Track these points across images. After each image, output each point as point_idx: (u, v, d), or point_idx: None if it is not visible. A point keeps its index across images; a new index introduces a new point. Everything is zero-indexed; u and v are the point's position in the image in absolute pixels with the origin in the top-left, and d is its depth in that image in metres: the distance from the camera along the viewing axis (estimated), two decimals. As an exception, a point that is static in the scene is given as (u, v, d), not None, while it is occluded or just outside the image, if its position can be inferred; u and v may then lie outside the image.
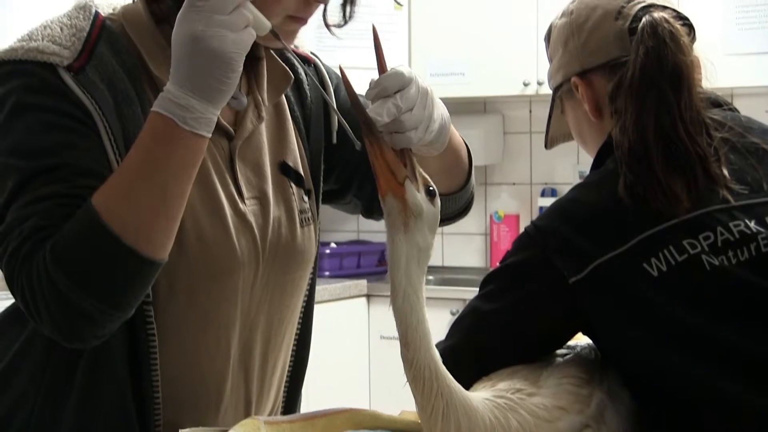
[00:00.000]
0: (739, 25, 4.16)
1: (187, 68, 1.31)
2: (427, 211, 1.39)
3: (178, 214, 1.36)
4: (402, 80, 1.40)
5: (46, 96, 1.40)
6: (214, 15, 1.30)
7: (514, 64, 4.51)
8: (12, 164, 1.38)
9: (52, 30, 1.45)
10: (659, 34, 1.54)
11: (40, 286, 1.32)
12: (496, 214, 4.87)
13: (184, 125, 1.32)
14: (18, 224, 1.35)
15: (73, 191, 1.36)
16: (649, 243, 1.47)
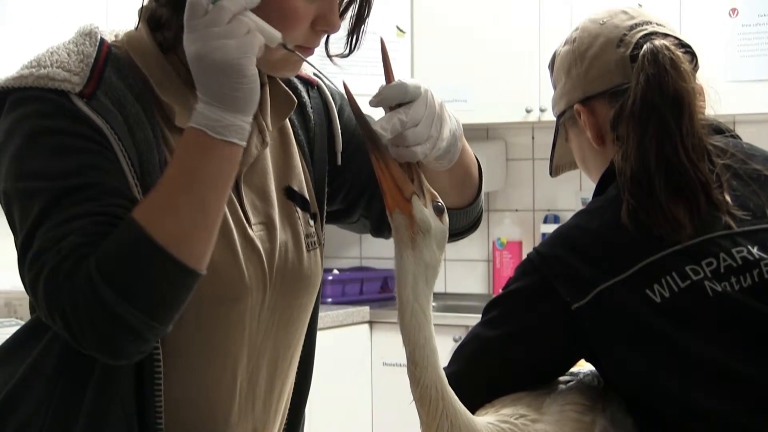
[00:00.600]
0: (741, 52, 4.17)
1: (203, 84, 1.34)
2: (435, 228, 1.38)
3: (216, 225, 1.38)
4: (404, 91, 1.41)
5: (62, 120, 1.41)
6: (210, 29, 1.32)
7: (517, 90, 4.52)
8: (37, 187, 1.38)
9: (59, 56, 1.45)
10: (660, 61, 1.54)
11: (86, 303, 1.32)
12: (498, 241, 4.87)
13: (214, 134, 1.34)
14: (54, 244, 1.35)
15: (106, 209, 1.37)
16: (651, 269, 1.47)
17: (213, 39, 1.32)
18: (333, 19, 1.47)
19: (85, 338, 1.34)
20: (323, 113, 1.69)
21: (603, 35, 1.65)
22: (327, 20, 1.46)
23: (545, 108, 4.40)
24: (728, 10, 4.19)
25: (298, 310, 1.61)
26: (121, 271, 1.32)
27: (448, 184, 1.58)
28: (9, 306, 3.72)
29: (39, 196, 1.38)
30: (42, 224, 1.37)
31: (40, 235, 1.36)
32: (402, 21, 4.68)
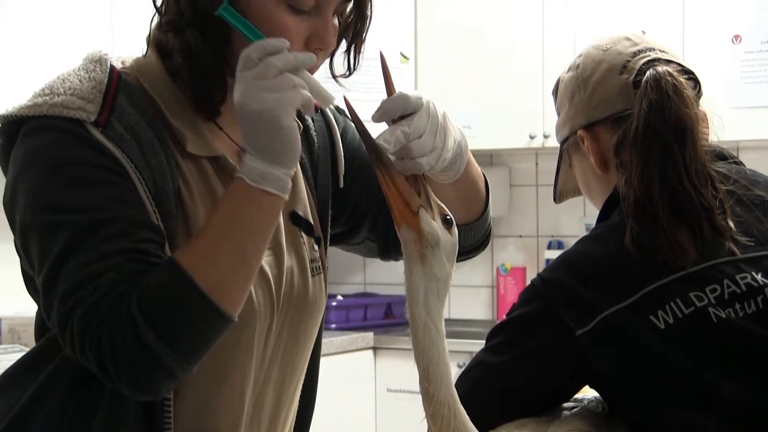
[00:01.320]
0: (745, 78, 4.18)
1: (244, 132, 1.37)
2: (444, 241, 1.38)
3: (254, 273, 1.40)
4: (406, 103, 1.41)
5: (80, 150, 1.40)
6: (255, 81, 1.34)
7: (521, 117, 4.53)
8: (59, 220, 1.38)
9: (71, 83, 1.45)
10: (662, 87, 1.55)
11: (124, 342, 1.33)
12: (502, 267, 4.87)
13: (252, 183, 1.36)
14: (89, 281, 1.35)
15: (138, 246, 1.38)
16: (655, 295, 1.47)
17: (255, 90, 1.34)
18: (327, 36, 1.46)
19: (120, 375, 1.35)
20: (327, 136, 1.70)
21: (606, 61, 1.65)
22: (320, 38, 1.46)
23: (549, 134, 4.40)
24: (731, 36, 4.20)
25: (304, 335, 1.61)
26: (163, 314, 1.34)
27: (455, 197, 1.57)
28: (13, 332, 3.72)
29: (62, 229, 1.37)
30: (68, 259, 1.36)
31: (71, 271, 1.36)
32: (406, 47, 4.70)
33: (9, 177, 1.44)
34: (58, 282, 1.36)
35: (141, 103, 1.47)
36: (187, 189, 1.48)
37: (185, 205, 1.47)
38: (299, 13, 1.43)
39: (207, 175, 1.51)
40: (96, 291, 1.34)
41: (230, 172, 1.51)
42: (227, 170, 1.52)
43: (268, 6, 1.42)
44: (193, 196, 1.48)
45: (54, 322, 1.38)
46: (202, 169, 1.50)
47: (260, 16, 1.42)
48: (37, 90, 1.46)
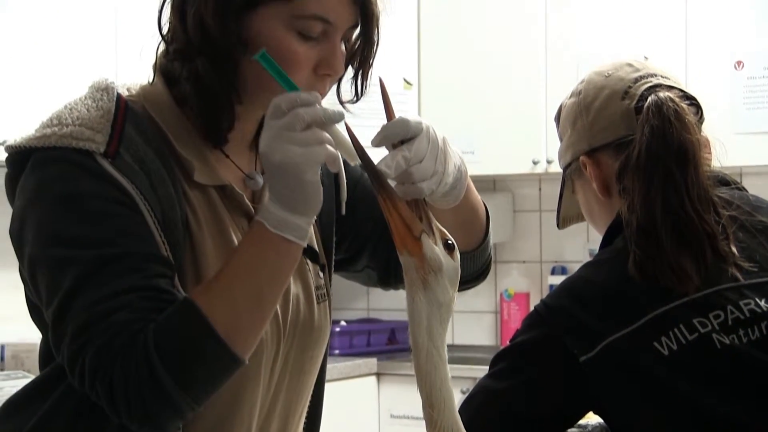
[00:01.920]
0: (747, 104, 4.18)
1: (268, 179, 1.39)
2: (446, 265, 1.38)
3: (268, 318, 1.41)
4: (406, 128, 1.40)
5: (90, 183, 1.40)
6: (282, 132, 1.35)
7: (524, 142, 4.53)
8: (69, 255, 1.37)
9: (79, 112, 1.44)
10: (664, 113, 1.55)
11: (138, 381, 1.33)
12: (506, 292, 4.86)
13: (271, 228, 1.37)
14: (101, 319, 1.35)
15: (150, 282, 1.38)
16: (659, 321, 1.47)
17: (281, 141, 1.35)
18: (335, 62, 1.46)
19: (129, 412, 1.35)
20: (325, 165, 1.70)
21: (608, 87, 1.66)
22: (329, 64, 1.46)
23: (552, 159, 4.40)
24: (734, 62, 4.21)
25: (309, 362, 1.61)
26: (178, 355, 1.34)
27: (455, 224, 1.56)
28: (16, 358, 3.72)
29: (72, 264, 1.37)
30: (78, 295, 1.36)
31: (82, 308, 1.35)
32: (409, 73, 4.71)
33: (17, 208, 1.44)
34: (69, 318, 1.36)
35: (148, 132, 1.46)
36: (195, 218, 1.48)
37: (193, 234, 1.47)
38: (308, 40, 1.44)
39: (214, 203, 1.50)
40: (109, 329, 1.34)
41: (237, 200, 1.52)
42: (234, 199, 1.52)
43: (278, 33, 1.43)
44: (200, 224, 1.48)
45: (63, 356, 1.37)
46: (209, 197, 1.50)
47: (269, 43, 1.42)
48: (44, 120, 1.45)
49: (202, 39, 1.43)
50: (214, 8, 1.42)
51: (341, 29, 1.46)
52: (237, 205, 1.52)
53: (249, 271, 1.38)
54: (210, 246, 1.48)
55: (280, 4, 1.42)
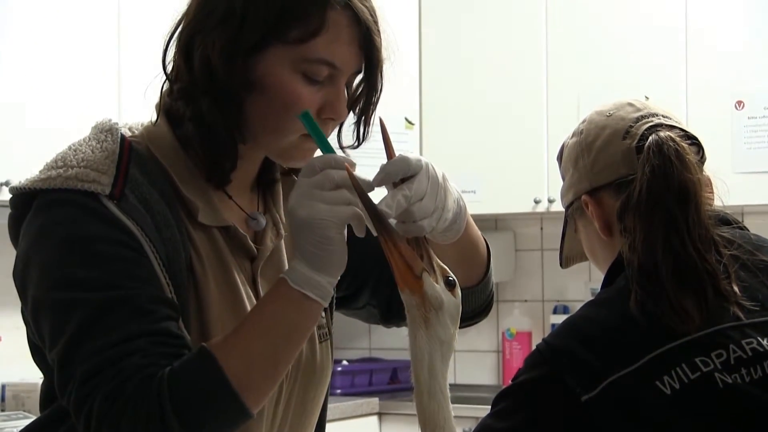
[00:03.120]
0: (748, 144, 4.20)
1: (293, 235, 1.40)
2: (447, 303, 1.38)
3: (281, 375, 1.41)
4: (407, 166, 1.40)
5: (95, 225, 1.39)
6: (311, 190, 1.37)
7: (525, 181, 4.55)
8: (74, 298, 1.37)
9: (84, 154, 1.44)
10: (665, 152, 1.55)
11: (147, 424, 1.32)
12: (508, 332, 4.85)
13: (293, 284, 1.38)
14: (110, 365, 1.34)
15: (158, 326, 1.37)
16: (661, 360, 1.47)
17: (309, 198, 1.37)
18: (339, 107, 1.47)
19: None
20: None
21: (609, 127, 1.66)
22: (333, 108, 1.47)
23: (554, 198, 4.41)
24: (734, 102, 4.23)
25: (312, 402, 1.61)
26: (191, 404, 1.34)
27: (455, 259, 1.57)
28: (17, 399, 3.71)
29: (78, 308, 1.36)
30: (85, 339, 1.35)
31: (90, 353, 1.35)
32: (410, 113, 4.73)
33: (20, 250, 1.44)
34: (76, 363, 1.35)
35: (153, 173, 1.47)
36: (198, 259, 1.48)
37: (196, 276, 1.47)
38: (313, 83, 1.45)
39: (218, 245, 1.51)
40: (119, 375, 1.33)
41: (240, 241, 1.52)
42: (237, 240, 1.52)
43: (284, 75, 1.44)
44: (204, 266, 1.48)
45: (69, 400, 1.36)
46: (213, 238, 1.50)
47: (275, 85, 1.43)
48: (49, 161, 1.45)
49: (208, 79, 1.43)
50: (222, 48, 1.42)
51: (347, 74, 1.47)
52: (240, 245, 1.53)
53: (267, 328, 1.38)
54: (213, 287, 1.48)
55: (288, 47, 1.42)
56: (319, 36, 1.42)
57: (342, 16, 1.44)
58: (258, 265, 1.55)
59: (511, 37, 4.63)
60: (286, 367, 1.41)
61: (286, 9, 1.41)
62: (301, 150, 1.49)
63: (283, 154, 1.51)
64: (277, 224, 1.59)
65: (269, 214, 1.59)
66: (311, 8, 1.42)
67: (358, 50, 1.47)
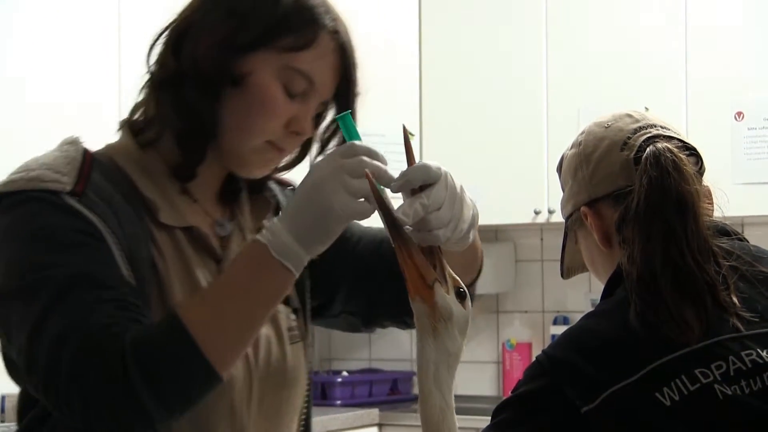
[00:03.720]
0: (748, 154, 4.20)
1: (294, 206, 1.40)
2: (457, 314, 1.38)
3: (250, 341, 1.43)
4: (427, 174, 1.42)
5: (56, 216, 1.43)
6: (342, 173, 1.38)
7: (525, 192, 4.55)
8: (41, 278, 1.40)
9: (46, 159, 1.49)
10: (662, 163, 1.56)
11: (112, 381, 1.34)
12: (508, 342, 4.85)
13: (274, 253, 1.38)
14: (78, 327, 1.36)
15: (125, 298, 1.41)
16: (660, 372, 1.47)
17: (335, 179, 1.38)
18: (305, 123, 1.54)
19: (101, 419, 1.36)
20: None
21: (608, 138, 1.67)
22: (300, 123, 1.53)
23: (554, 209, 4.41)
24: (734, 113, 4.23)
25: (286, 404, 1.62)
26: (157, 365, 1.35)
27: (458, 265, 1.57)
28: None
29: (47, 285, 1.39)
30: (54, 311, 1.38)
31: (59, 321, 1.37)
32: (411, 124, 4.73)
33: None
34: (44, 334, 1.37)
35: (115, 179, 1.51)
36: (161, 258, 1.51)
37: (159, 273, 1.50)
38: (289, 96, 1.51)
39: (180, 245, 1.54)
40: (87, 331, 1.36)
41: (204, 241, 1.56)
42: (200, 240, 1.56)
43: (266, 78, 1.50)
44: (167, 266, 1.51)
45: (39, 375, 1.38)
46: (176, 239, 1.54)
47: (257, 85, 1.50)
48: (12, 170, 1.50)
49: (195, 68, 1.49)
50: (216, 43, 1.49)
51: (319, 96, 1.54)
52: (203, 246, 1.56)
53: (241, 290, 1.40)
54: (177, 285, 1.51)
55: (277, 53, 1.50)
56: (307, 50, 1.51)
57: (331, 41, 1.53)
58: (223, 267, 1.57)
59: (511, 48, 4.64)
60: (254, 333, 1.42)
61: (285, 19, 1.50)
62: (262, 157, 1.55)
63: (243, 159, 1.55)
64: (244, 231, 1.63)
65: (236, 221, 1.63)
66: (307, 24, 1.51)
67: (336, 78, 1.55)
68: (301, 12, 1.52)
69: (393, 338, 5.09)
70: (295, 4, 1.51)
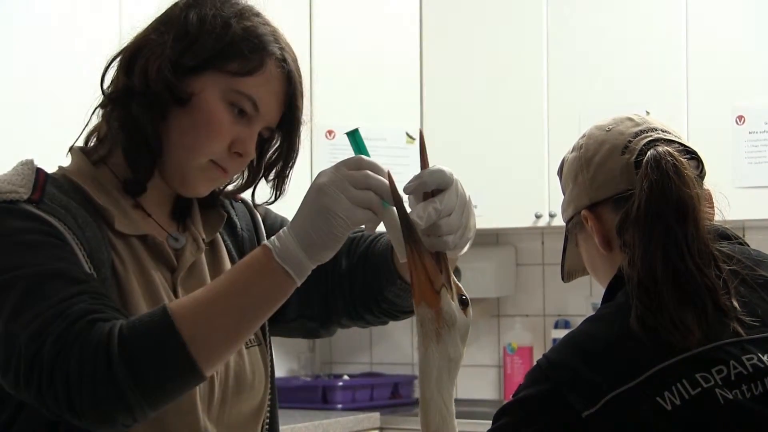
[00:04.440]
0: (749, 158, 4.20)
1: (301, 214, 1.41)
2: (460, 321, 1.39)
3: (239, 345, 1.45)
4: (442, 178, 1.44)
5: (17, 222, 1.46)
6: (346, 183, 1.40)
7: (526, 196, 4.54)
8: (8, 279, 1.42)
9: (4, 176, 1.53)
10: (663, 167, 1.56)
11: (93, 370, 1.35)
12: (509, 346, 4.85)
13: (279, 259, 1.40)
14: (57, 315, 1.38)
15: (96, 290, 1.43)
16: (661, 376, 1.47)
17: (338, 187, 1.39)
18: (249, 146, 1.59)
19: (82, 405, 1.37)
20: (249, 220, 1.77)
21: (608, 142, 1.67)
22: (244, 145, 1.58)
23: (554, 213, 4.41)
24: (735, 117, 4.23)
25: (246, 408, 1.64)
26: (139, 355, 1.37)
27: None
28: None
29: (11, 288, 1.41)
30: (25, 309, 1.39)
31: (36, 315, 1.39)
32: (412, 128, 4.73)
33: None
34: (17, 332, 1.39)
35: (69, 191, 1.54)
36: (121, 263, 1.54)
37: (119, 276, 1.53)
38: (234, 116, 1.56)
39: (137, 252, 1.57)
40: (66, 319, 1.38)
41: (158, 249, 1.59)
42: (155, 248, 1.59)
43: (213, 99, 1.56)
44: (126, 269, 1.54)
45: (19, 368, 1.38)
46: (132, 246, 1.57)
47: (203, 105, 1.55)
48: None
49: (144, 86, 1.54)
50: (165, 63, 1.55)
51: (264, 121, 1.59)
52: (159, 254, 1.60)
53: (239, 292, 1.41)
54: (136, 287, 1.54)
55: (223, 76, 1.56)
56: (253, 76, 1.57)
57: (276, 69, 1.59)
58: (178, 275, 1.61)
59: (511, 52, 4.64)
60: (246, 337, 1.44)
61: (233, 44, 1.57)
62: (205, 175, 1.59)
63: (188, 177, 1.59)
64: (197, 239, 1.65)
65: (188, 231, 1.66)
66: (254, 50, 1.57)
67: (280, 106, 1.60)
68: (249, 39, 1.58)
69: (394, 342, 5.09)
70: (244, 32, 1.58)
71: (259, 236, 1.76)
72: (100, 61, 1.66)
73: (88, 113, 1.64)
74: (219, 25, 1.57)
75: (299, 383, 4.74)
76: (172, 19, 1.59)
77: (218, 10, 1.58)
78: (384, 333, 5.10)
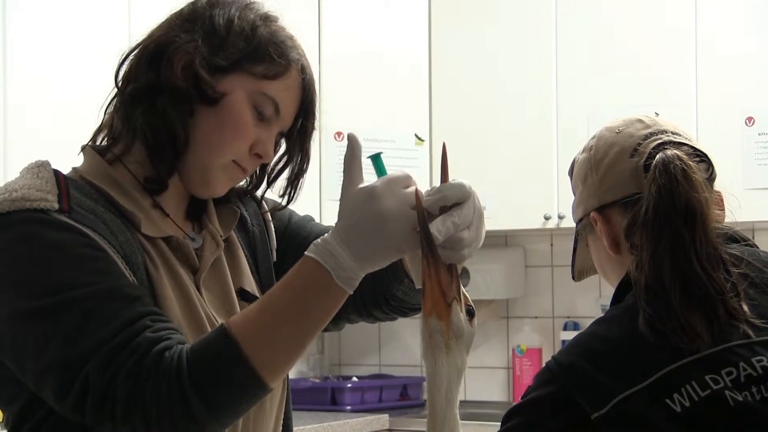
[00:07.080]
0: (758, 160, 4.19)
1: (350, 224, 1.41)
2: (466, 332, 1.40)
3: (301, 355, 1.46)
4: (462, 192, 1.45)
5: (56, 234, 1.44)
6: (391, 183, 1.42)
7: (535, 198, 4.54)
8: (59, 302, 1.40)
9: (24, 181, 1.50)
10: (671, 171, 1.55)
11: (169, 407, 1.37)
12: (518, 348, 4.85)
13: (338, 280, 1.41)
14: (122, 348, 1.38)
15: (152, 308, 1.44)
16: (671, 378, 1.47)
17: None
18: (268, 148, 1.60)
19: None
20: (258, 215, 1.78)
21: (618, 144, 1.66)
22: (264, 146, 1.59)
23: (564, 215, 4.41)
24: (744, 118, 4.22)
25: (269, 402, 1.64)
26: (213, 386, 1.39)
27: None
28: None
29: (64, 309, 1.40)
30: (83, 335, 1.39)
31: (94, 345, 1.38)
32: (421, 129, 4.73)
33: None
34: (79, 360, 1.38)
35: (91, 194, 1.53)
36: (152, 263, 1.54)
37: (151, 278, 1.53)
38: (257, 119, 1.57)
39: (165, 254, 1.57)
40: (135, 353, 1.38)
41: (184, 252, 1.59)
42: (180, 250, 1.59)
43: (240, 100, 1.57)
44: (158, 270, 1.54)
45: (78, 401, 1.38)
46: (160, 248, 1.57)
47: (231, 105, 1.56)
48: None
49: (172, 82, 1.55)
50: (194, 61, 1.55)
51: (281, 124, 1.61)
52: (183, 256, 1.59)
53: (302, 315, 1.42)
54: (169, 290, 1.53)
55: (250, 78, 1.57)
56: (277, 80, 1.59)
57: (298, 75, 1.62)
58: (200, 276, 1.61)
59: (521, 53, 4.64)
60: (305, 348, 1.45)
61: (261, 47, 1.58)
62: (226, 174, 1.60)
63: (209, 176, 1.59)
64: (216, 237, 1.65)
65: (206, 229, 1.66)
66: (280, 55, 1.59)
67: (296, 112, 1.62)
68: (276, 43, 1.59)
69: (403, 344, 5.09)
70: (271, 35, 1.59)
71: (269, 232, 1.76)
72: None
73: (101, 110, 1.63)
74: (247, 27, 1.58)
75: (308, 385, 4.74)
76: (197, 17, 1.59)
77: (243, 12, 1.60)
78: (393, 335, 5.10)
